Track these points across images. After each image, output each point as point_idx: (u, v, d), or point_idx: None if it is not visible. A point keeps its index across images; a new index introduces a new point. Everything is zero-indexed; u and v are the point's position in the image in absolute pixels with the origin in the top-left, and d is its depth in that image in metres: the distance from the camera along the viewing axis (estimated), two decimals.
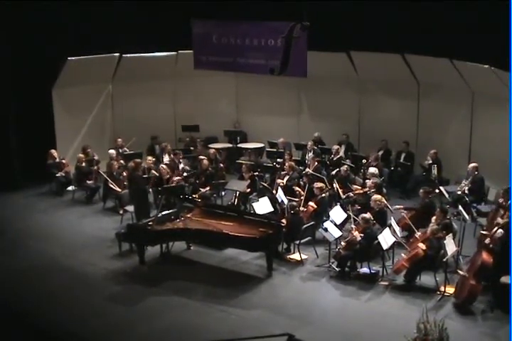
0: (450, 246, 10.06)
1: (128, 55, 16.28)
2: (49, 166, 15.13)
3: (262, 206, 12.35)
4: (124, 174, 14.12)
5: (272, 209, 12.43)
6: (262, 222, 11.30)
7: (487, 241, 9.84)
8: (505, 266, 9.62)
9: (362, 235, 10.78)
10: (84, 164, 14.98)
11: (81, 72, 15.50)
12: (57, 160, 15.18)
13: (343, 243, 10.90)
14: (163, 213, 11.66)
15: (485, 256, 9.64)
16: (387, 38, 13.79)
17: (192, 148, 16.50)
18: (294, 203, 12.19)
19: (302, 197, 12.55)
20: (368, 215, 11.09)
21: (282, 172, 14.04)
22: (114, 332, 9.29)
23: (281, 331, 6.37)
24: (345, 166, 13.94)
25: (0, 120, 15.18)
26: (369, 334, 9.07)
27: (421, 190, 12.19)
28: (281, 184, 13.41)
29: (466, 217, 11.31)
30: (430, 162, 14.20)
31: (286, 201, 12.51)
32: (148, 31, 15.51)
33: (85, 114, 16.74)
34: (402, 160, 15.14)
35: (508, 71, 11.43)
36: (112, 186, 13.95)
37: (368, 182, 12.90)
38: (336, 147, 15.46)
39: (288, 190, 13.08)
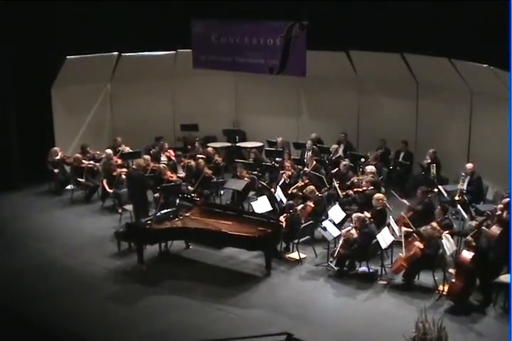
0: (448, 245, 10.08)
1: (127, 54, 16.28)
2: (50, 164, 15.15)
3: (261, 205, 12.37)
4: (120, 173, 14.13)
5: (271, 209, 12.45)
6: (261, 221, 11.32)
7: (469, 238, 9.87)
8: (491, 263, 9.71)
9: (358, 232, 10.79)
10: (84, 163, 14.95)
11: (80, 71, 15.50)
12: (59, 157, 15.18)
13: (341, 241, 10.90)
14: (162, 212, 11.67)
15: (463, 253, 9.71)
16: (386, 37, 13.79)
17: (189, 147, 16.49)
18: (292, 202, 12.20)
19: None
20: (363, 215, 11.10)
21: (281, 172, 14.06)
22: (114, 331, 9.30)
23: (280, 330, 6.40)
24: (344, 162, 14.02)
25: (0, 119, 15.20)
26: (368, 334, 9.09)
27: (418, 191, 12.20)
28: (287, 181, 13.45)
29: (465, 216, 11.35)
30: (429, 161, 14.20)
31: (285, 200, 12.54)
32: (147, 30, 15.49)
33: (84, 113, 16.75)
34: (400, 160, 15.16)
35: (508, 71, 11.43)
36: (104, 185, 14.06)
37: (363, 180, 12.94)
38: (334, 146, 15.48)
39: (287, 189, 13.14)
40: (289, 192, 13.11)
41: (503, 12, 10.51)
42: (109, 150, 15.12)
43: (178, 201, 12.95)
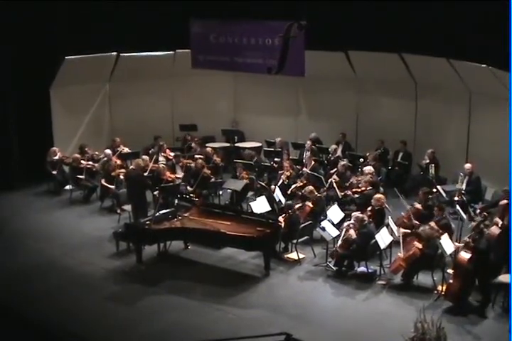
0: (447, 245, 10.09)
1: (125, 54, 16.28)
2: (49, 164, 15.15)
3: (260, 205, 12.38)
4: (119, 174, 14.13)
5: (270, 209, 12.45)
6: (259, 221, 11.32)
7: (467, 239, 9.87)
8: (490, 263, 9.71)
9: (357, 232, 10.80)
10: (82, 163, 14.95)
11: (79, 72, 15.50)
12: (57, 157, 15.19)
13: (339, 241, 10.90)
14: (161, 212, 11.67)
15: (461, 254, 9.71)
16: (385, 37, 13.80)
17: (186, 146, 16.48)
18: (291, 202, 12.20)
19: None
20: (361, 215, 11.10)
21: (280, 172, 14.07)
22: (114, 331, 9.30)
23: (279, 330, 6.40)
24: (343, 162, 14.03)
25: None
26: (367, 334, 9.10)
27: (420, 191, 12.19)
28: (285, 181, 13.45)
29: (464, 216, 11.36)
30: (428, 161, 14.22)
31: (283, 200, 12.54)
32: (147, 30, 15.50)
33: (83, 113, 16.75)
34: (399, 160, 15.17)
35: (508, 71, 11.43)
36: (106, 184, 14.08)
37: (362, 180, 12.95)
38: (333, 146, 15.49)
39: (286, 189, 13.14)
40: (288, 192, 13.12)
41: (503, 12, 10.52)
42: (108, 151, 15.14)
43: (176, 201, 12.95)
